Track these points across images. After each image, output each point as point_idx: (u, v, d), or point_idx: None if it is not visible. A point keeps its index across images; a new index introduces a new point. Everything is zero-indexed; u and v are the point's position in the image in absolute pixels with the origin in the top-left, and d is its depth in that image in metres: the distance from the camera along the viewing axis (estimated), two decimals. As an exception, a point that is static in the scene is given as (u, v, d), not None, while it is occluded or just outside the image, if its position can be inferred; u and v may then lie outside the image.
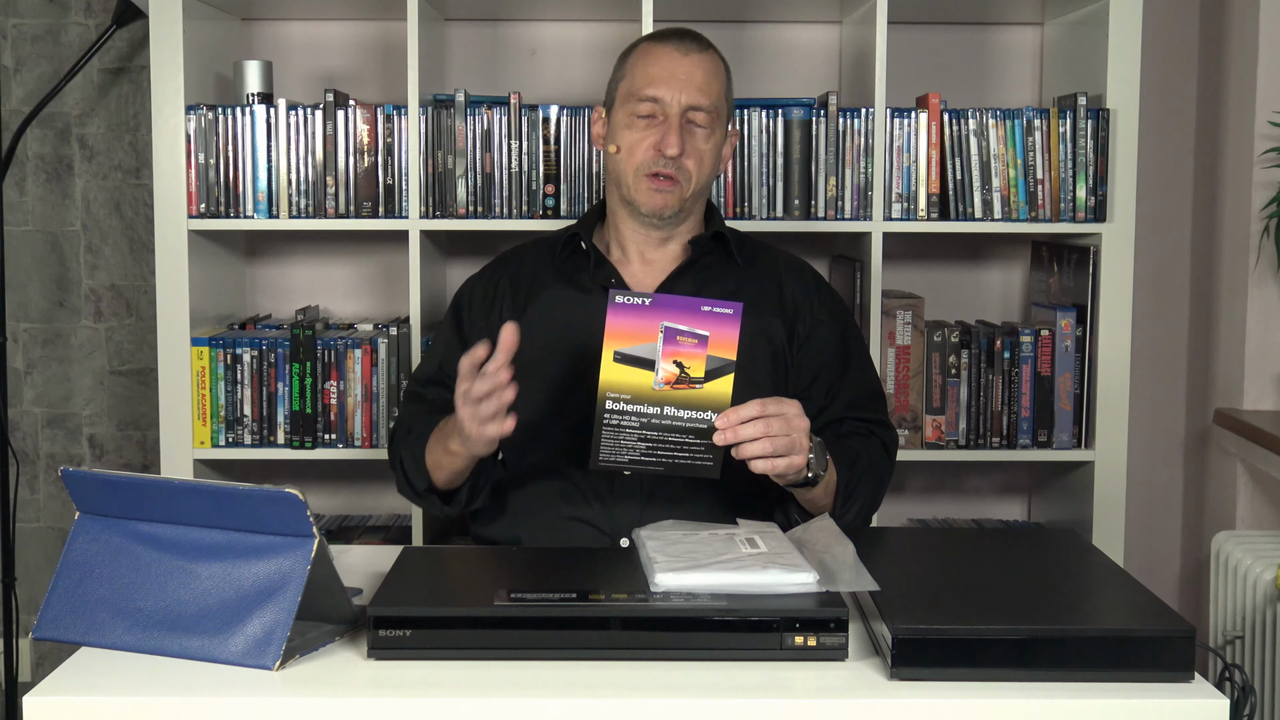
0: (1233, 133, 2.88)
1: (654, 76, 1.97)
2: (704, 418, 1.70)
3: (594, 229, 2.09)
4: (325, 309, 3.07)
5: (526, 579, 1.54)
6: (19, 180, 3.16)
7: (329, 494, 3.10)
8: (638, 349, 1.70)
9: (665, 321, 1.69)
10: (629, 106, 1.98)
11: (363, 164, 2.68)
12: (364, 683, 1.38)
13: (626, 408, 1.70)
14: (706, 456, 1.71)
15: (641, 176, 1.97)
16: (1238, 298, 2.84)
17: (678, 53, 1.98)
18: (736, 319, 1.69)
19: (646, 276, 2.03)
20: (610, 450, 1.72)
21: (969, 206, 2.69)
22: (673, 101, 1.96)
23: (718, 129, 2.00)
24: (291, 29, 3.02)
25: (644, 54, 2.01)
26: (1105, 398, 2.69)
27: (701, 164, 1.98)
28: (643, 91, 1.97)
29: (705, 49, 2.01)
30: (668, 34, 2.02)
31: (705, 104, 1.97)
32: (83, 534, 1.51)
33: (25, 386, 3.21)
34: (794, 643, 1.40)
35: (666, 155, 1.94)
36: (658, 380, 1.70)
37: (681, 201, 1.98)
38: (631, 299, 1.70)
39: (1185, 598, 3.11)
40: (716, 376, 1.70)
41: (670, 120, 1.96)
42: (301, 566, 1.42)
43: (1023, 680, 1.36)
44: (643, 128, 1.97)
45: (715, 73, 2.01)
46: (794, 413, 1.72)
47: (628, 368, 1.70)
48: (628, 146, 1.98)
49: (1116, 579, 1.56)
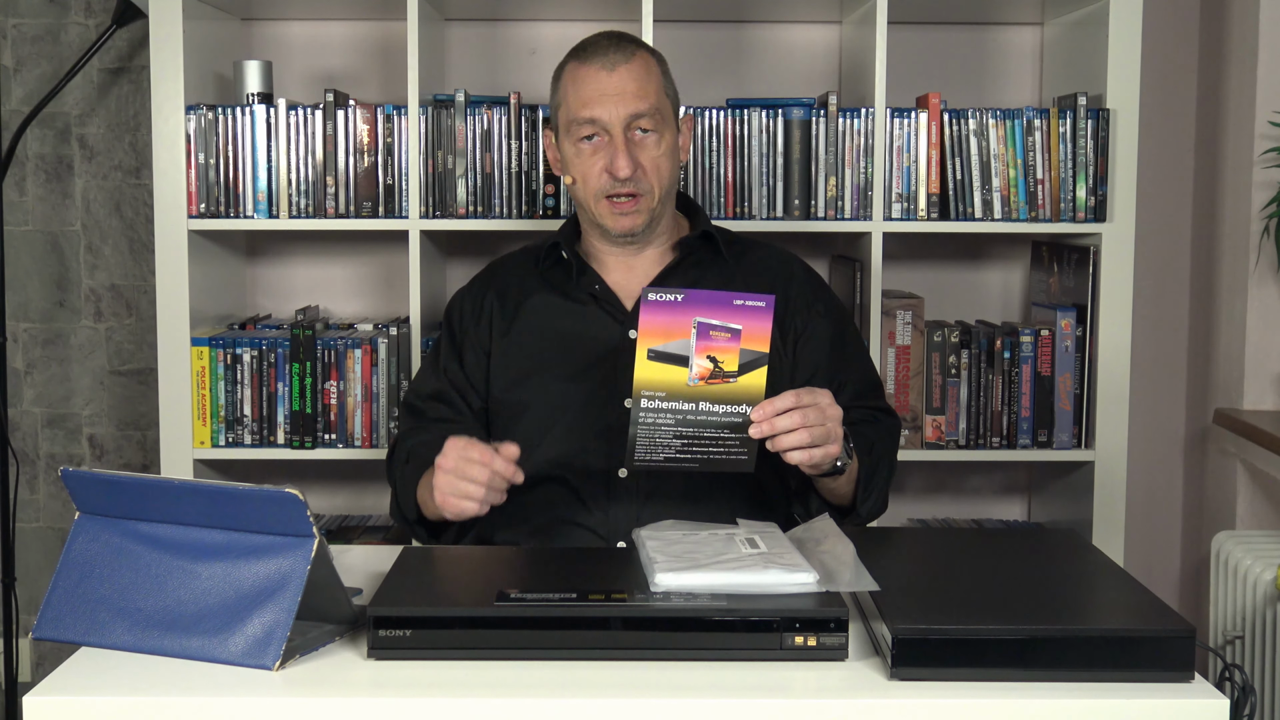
0: (1233, 133, 2.88)
1: (586, 98, 1.93)
2: (739, 411, 1.69)
3: (574, 237, 2.09)
4: (325, 309, 3.07)
5: (526, 579, 1.54)
6: (19, 180, 3.16)
7: (329, 494, 3.10)
8: (671, 345, 1.69)
9: (698, 317, 1.69)
10: (572, 134, 1.96)
11: (363, 164, 2.68)
12: (364, 683, 1.38)
13: (662, 405, 1.70)
14: (741, 450, 1.71)
15: (601, 200, 1.95)
16: (1238, 298, 2.84)
17: (604, 70, 1.94)
18: (769, 311, 1.69)
19: (630, 281, 2.02)
20: (646, 449, 1.71)
21: (969, 206, 2.69)
22: (612, 120, 1.93)
23: (666, 130, 1.97)
24: (291, 29, 3.02)
25: (573, 77, 1.97)
26: (1105, 398, 2.69)
27: (659, 171, 1.96)
28: (580, 115, 1.94)
29: (631, 56, 1.95)
30: (591, 50, 1.97)
31: (645, 109, 1.94)
32: (83, 534, 1.51)
33: (25, 386, 3.21)
34: (794, 643, 1.40)
35: (618, 177, 1.92)
36: (692, 376, 1.69)
37: (650, 214, 1.98)
38: (664, 296, 1.70)
39: (1185, 598, 3.11)
40: (750, 370, 1.69)
41: (615, 139, 1.93)
42: (301, 566, 1.42)
43: (1023, 680, 1.36)
44: (590, 153, 1.95)
45: (647, 75, 1.96)
46: (827, 402, 1.73)
47: (661, 365, 1.69)
48: (580, 175, 1.96)
49: (1116, 579, 1.56)
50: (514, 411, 2.00)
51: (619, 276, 2.03)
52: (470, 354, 2.04)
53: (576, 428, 1.95)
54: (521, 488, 1.98)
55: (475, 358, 2.03)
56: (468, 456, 1.72)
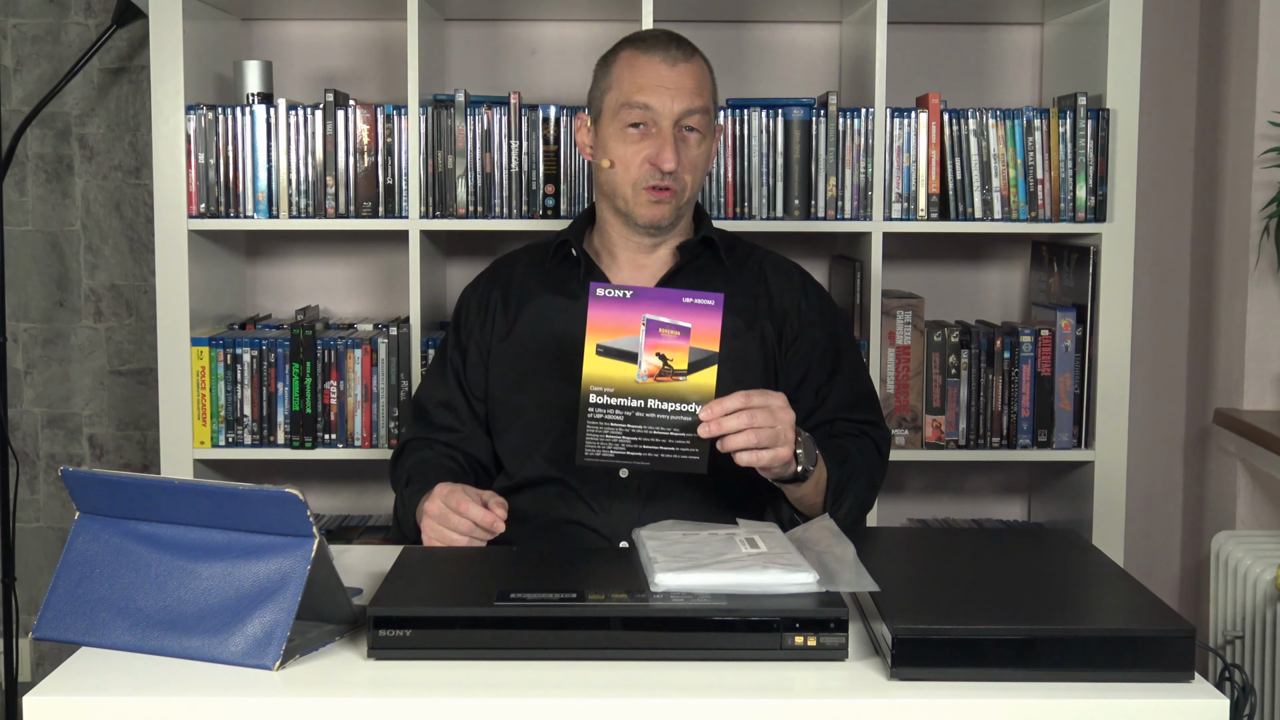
0: (1233, 133, 2.88)
1: (643, 85, 1.94)
2: (688, 409, 1.70)
3: (584, 235, 2.09)
4: (325, 309, 3.07)
5: (526, 579, 1.54)
6: (19, 180, 3.16)
7: (329, 494, 3.10)
8: (620, 342, 1.70)
9: (647, 314, 1.69)
10: (620, 117, 1.96)
11: (363, 164, 2.68)
12: (364, 683, 1.38)
13: (611, 401, 1.70)
14: (693, 450, 1.71)
15: (640, 190, 1.96)
16: (1238, 298, 2.84)
17: (665, 63, 1.95)
18: (718, 310, 1.69)
19: (638, 281, 2.03)
20: (595, 445, 1.72)
21: (969, 206, 2.69)
22: (665, 111, 1.94)
23: (708, 134, 2.00)
24: (291, 29, 3.02)
25: (630, 64, 1.97)
26: (1105, 398, 2.69)
27: (696, 172, 1.98)
28: (634, 99, 1.94)
29: (691, 55, 1.98)
30: (652, 42, 1.99)
31: (698, 106, 1.95)
32: (83, 534, 1.51)
33: (25, 386, 3.21)
34: (794, 643, 1.40)
35: (664, 170, 1.93)
36: (641, 373, 1.70)
37: (677, 210, 1.99)
38: (613, 292, 1.70)
39: (1185, 598, 3.11)
40: (700, 369, 1.69)
41: (663, 132, 1.94)
42: (301, 566, 1.42)
43: (1023, 680, 1.36)
44: (636, 139, 1.95)
45: (703, 77, 1.99)
46: (779, 404, 1.72)
47: (611, 361, 1.70)
48: (622, 161, 1.96)
49: (1116, 579, 1.56)
50: (512, 413, 2.00)
51: (628, 275, 2.03)
52: (474, 352, 2.06)
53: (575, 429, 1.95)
54: (520, 488, 1.99)
55: (478, 355, 2.05)
56: (451, 506, 1.76)
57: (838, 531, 1.63)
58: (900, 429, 2.71)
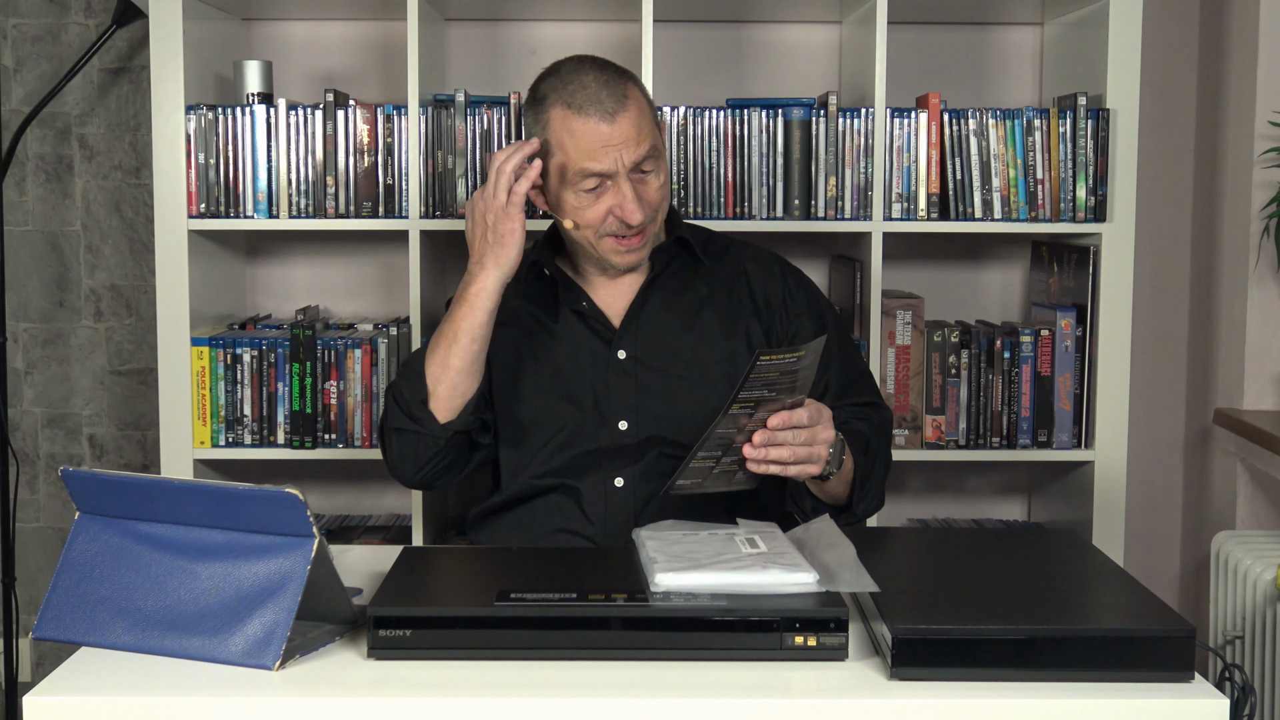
0: (1233, 133, 2.88)
1: (589, 151, 1.88)
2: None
3: (553, 252, 2.06)
4: (325, 309, 3.07)
5: (526, 579, 1.54)
6: (19, 180, 3.16)
7: (329, 494, 3.10)
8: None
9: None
10: (571, 183, 1.91)
11: (363, 164, 2.68)
12: (364, 683, 1.38)
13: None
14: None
15: (606, 238, 1.93)
16: (1238, 298, 2.84)
17: (604, 122, 1.87)
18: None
19: (615, 298, 2.02)
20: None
21: (969, 206, 2.69)
22: (618, 169, 1.89)
23: (661, 160, 1.94)
24: (291, 29, 3.02)
25: (566, 128, 1.89)
26: (1105, 398, 2.69)
27: (660, 206, 1.95)
28: (585, 168, 1.88)
29: (624, 99, 1.89)
30: (582, 98, 1.89)
31: (647, 149, 1.90)
32: (83, 534, 1.51)
33: (25, 386, 3.21)
34: (794, 643, 1.40)
35: (631, 224, 1.90)
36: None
37: (651, 243, 1.98)
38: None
39: (1185, 598, 3.11)
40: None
41: (621, 188, 1.89)
42: (301, 566, 1.42)
43: (1023, 680, 1.36)
44: (593, 200, 1.91)
45: (642, 115, 1.91)
46: (823, 423, 1.74)
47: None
48: (585, 220, 1.92)
49: (1116, 579, 1.56)
50: (506, 425, 1.99)
51: (605, 293, 2.02)
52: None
53: (571, 446, 1.95)
54: (513, 499, 1.98)
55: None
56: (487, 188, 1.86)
57: (838, 531, 1.63)
58: (900, 429, 2.71)
